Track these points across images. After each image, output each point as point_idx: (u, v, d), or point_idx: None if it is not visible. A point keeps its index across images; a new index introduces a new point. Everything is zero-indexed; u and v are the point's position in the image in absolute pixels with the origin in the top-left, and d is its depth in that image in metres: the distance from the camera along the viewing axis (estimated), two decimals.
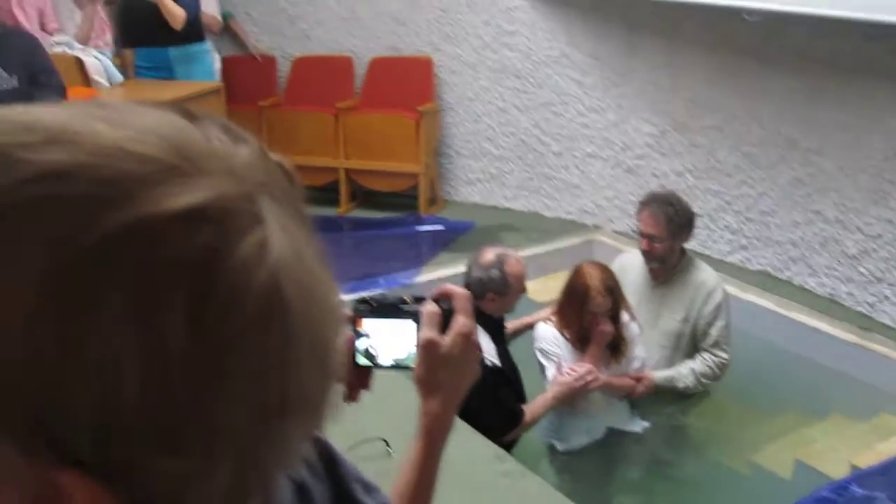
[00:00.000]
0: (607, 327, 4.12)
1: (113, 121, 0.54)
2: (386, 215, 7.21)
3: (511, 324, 4.43)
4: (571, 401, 4.18)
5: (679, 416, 4.62)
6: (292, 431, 0.57)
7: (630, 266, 4.68)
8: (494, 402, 3.83)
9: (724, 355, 4.48)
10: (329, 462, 0.89)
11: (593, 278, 4.10)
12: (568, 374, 4.11)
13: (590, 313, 4.09)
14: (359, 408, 1.25)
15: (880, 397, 4.90)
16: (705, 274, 4.55)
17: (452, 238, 6.63)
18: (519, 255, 4.32)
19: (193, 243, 0.50)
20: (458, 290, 1.23)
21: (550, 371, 4.19)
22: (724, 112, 6.00)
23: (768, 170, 5.84)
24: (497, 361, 3.96)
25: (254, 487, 0.57)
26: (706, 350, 4.49)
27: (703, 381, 4.48)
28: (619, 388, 4.32)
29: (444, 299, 1.22)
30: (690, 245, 4.67)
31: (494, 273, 4.04)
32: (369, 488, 0.97)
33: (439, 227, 6.92)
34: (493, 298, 4.05)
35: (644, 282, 4.61)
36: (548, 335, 4.25)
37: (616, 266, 4.72)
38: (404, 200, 7.30)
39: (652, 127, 6.48)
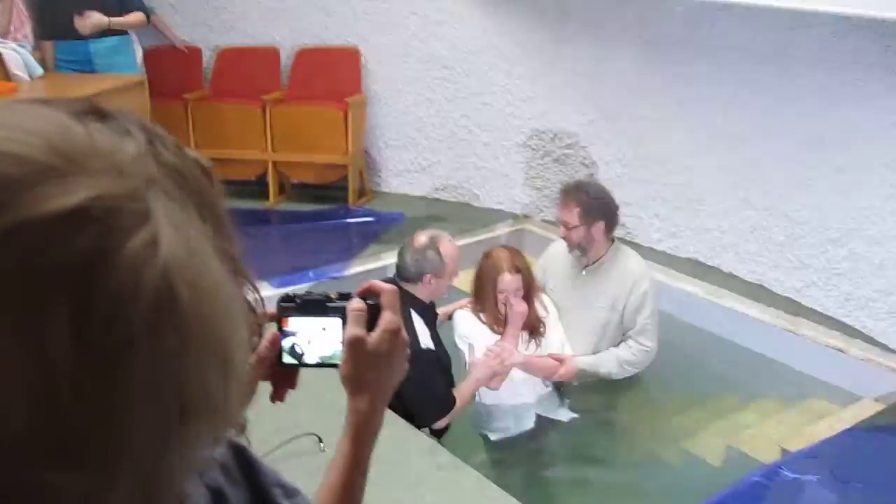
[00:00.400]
0: (521, 306, 4.19)
1: None
2: (315, 207, 7.15)
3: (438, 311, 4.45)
4: (495, 383, 4.22)
5: (611, 405, 4.64)
6: (196, 436, 0.54)
7: (559, 254, 4.73)
8: (429, 387, 3.85)
9: (649, 343, 4.51)
10: (247, 467, 0.86)
11: (501, 259, 4.23)
12: (485, 354, 4.17)
13: (501, 293, 4.18)
14: (292, 404, 1.22)
15: (809, 381, 4.96)
16: (633, 262, 4.58)
17: (382, 229, 6.60)
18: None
19: (76, 246, 0.47)
20: (385, 285, 1.21)
21: (470, 355, 4.24)
22: (652, 101, 6.04)
23: (697, 158, 5.88)
24: (431, 345, 3.98)
25: (160, 496, 0.54)
26: (631, 338, 4.52)
27: (626, 367, 4.52)
28: (539, 368, 4.36)
29: (370, 295, 1.20)
30: (620, 233, 4.69)
31: (430, 254, 4.07)
32: (289, 492, 0.94)
33: (369, 219, 6.89)
34: (430, 280, 4.07)
35: (572, 270, 4.65)
36: (466, 321, 4.33)
37: (546, 254, 4.84)
38: (333, 192, 7.24)
39: (581, 116, 6.50)
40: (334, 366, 1.20)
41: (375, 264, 5.79)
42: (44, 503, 0.49)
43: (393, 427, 1.05)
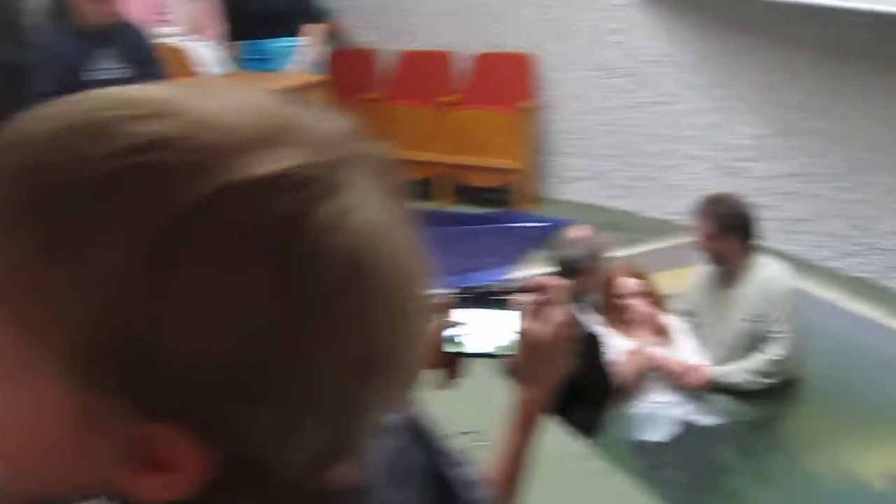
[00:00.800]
0: (643, 307, 4.36)
1: (207, 96, 0.58)
2: (483, 211, 7.22)
3: None
4: (634, 385, 4.31)
5: (769, 417, 4.58)
6: (376, 393, 0.59)
7: (703, 269, 4.80)
8: (601, 368, 3.88)
9: (783, 352, 4.50)
10: (421, 433, 0.91)
11: (621, 266, 4.49)
12: (618, 353, 4.24)
13: (619, 296, 4.39)
14: (453, 397, 1.26)
15: None
16: (773, 272, 4.60)
17: (549, 235, 6.61)
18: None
19: (278, 208, 0.53)
20: (556, 281, 1.24)
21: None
22: (830, 116, 5.90)
23: (874, 175, 5.73)
24: (593, 329, 4.02)
25: (342, 443, 0.60)
26: (766, 347, 4.53)
27: (760, 378, 4.51)
28: (671, 369, 4.41)
29: (540, 290, 1.23)
30: (791, 250, 4.65)
31: (593, 244, 4.16)
32: (463, 461, 0.99)
33: (536, 224, 6.90)
34: (590, 270, 4.11)
35: (712, 283, 4.73)
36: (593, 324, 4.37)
37: (697, 268, 4.90)
38: (501, 196, 7.31)
39: (755, 129, 6.40)
40: (501, 357, 1.23)
41: (540, 269, 5.81)
42: (238, 440, 0.55)
43: (545, 431, 1.08)
